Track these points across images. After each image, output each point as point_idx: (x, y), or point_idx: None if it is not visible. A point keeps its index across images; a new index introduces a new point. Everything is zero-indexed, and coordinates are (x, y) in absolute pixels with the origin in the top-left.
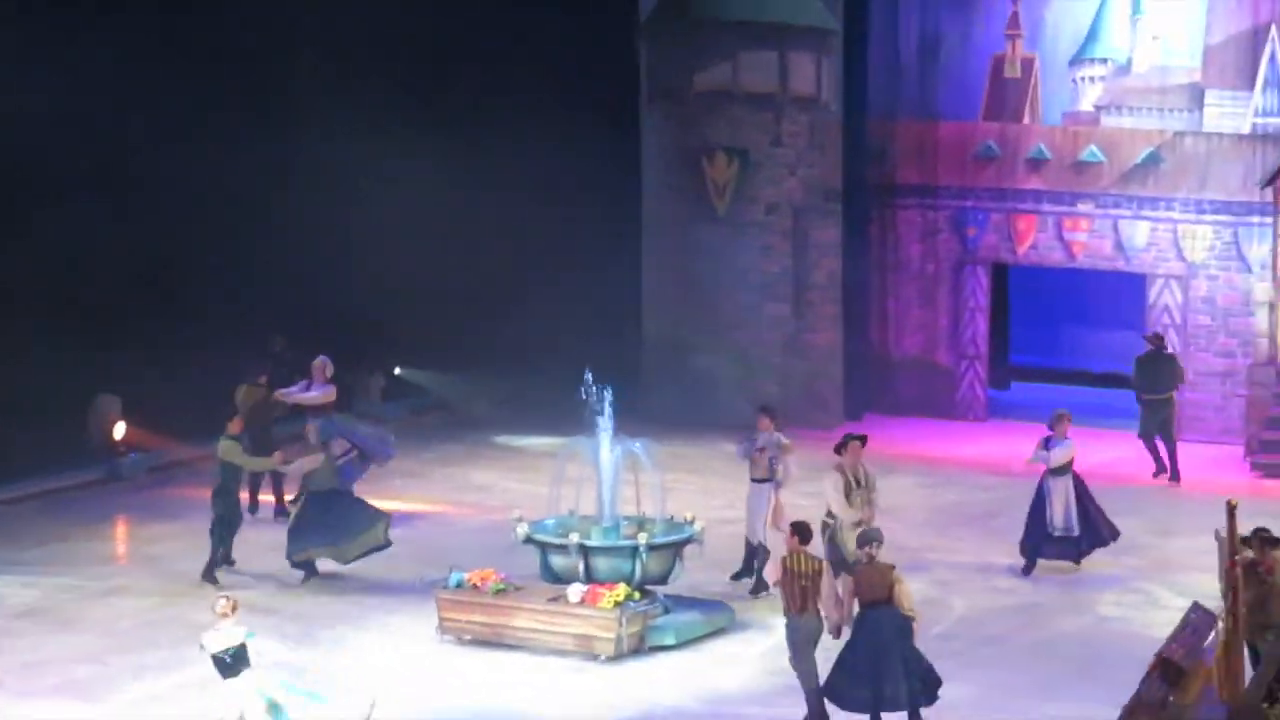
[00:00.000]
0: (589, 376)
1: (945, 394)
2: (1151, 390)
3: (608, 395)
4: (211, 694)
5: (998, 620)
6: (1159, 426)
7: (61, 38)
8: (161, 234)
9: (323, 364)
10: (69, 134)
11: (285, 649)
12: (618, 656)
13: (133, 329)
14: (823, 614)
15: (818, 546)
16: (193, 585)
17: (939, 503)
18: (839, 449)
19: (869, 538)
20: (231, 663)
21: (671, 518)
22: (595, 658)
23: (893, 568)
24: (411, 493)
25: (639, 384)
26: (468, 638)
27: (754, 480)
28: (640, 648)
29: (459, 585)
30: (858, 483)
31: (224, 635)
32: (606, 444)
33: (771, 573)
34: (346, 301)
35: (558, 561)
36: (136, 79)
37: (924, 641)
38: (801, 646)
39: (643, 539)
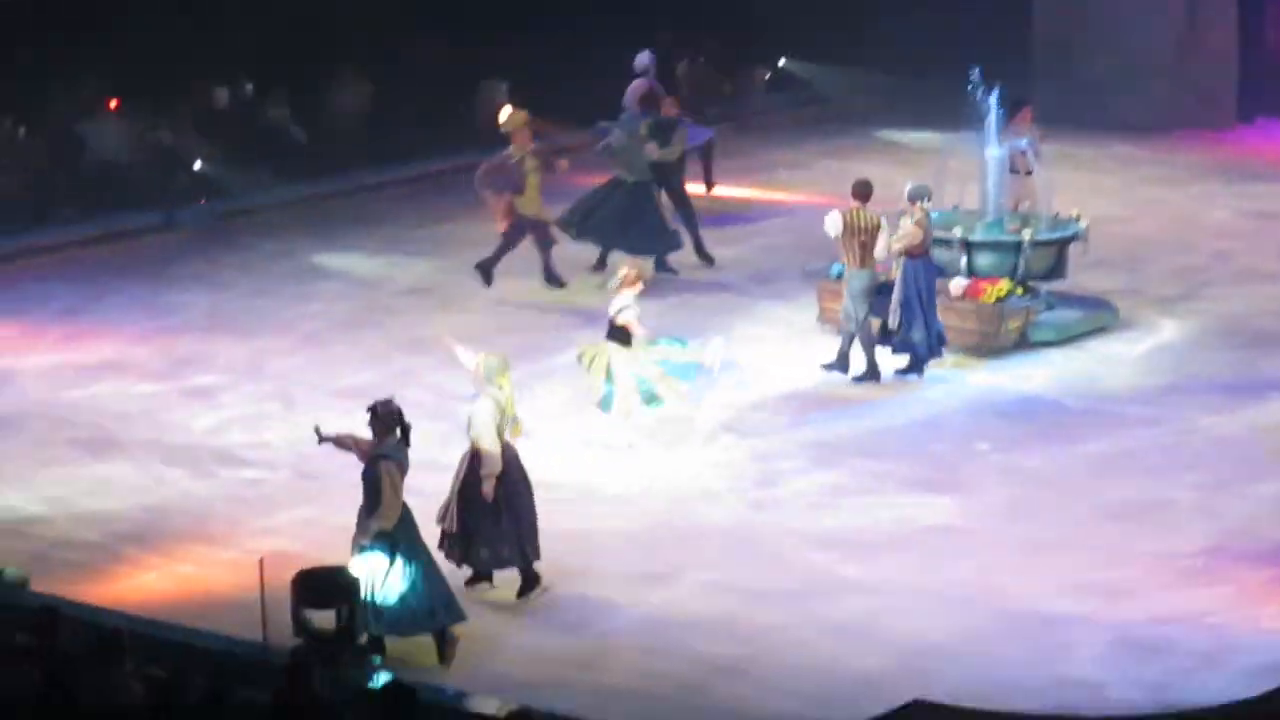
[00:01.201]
0: (976, 73)
1: None
2: None
3: (995, 92)
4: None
5: None
6: None
7: None
8: None
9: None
10: None
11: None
12: (998, 349)
13: (522, 15)
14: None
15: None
16: (576, 269)
17: None
18: None
19: (919, 193)
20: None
21: (1056, 215)
22: (977, 349)
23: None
24: (795, 184)
25: (1026, 82)
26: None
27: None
28: (1021, 343)
29: (840, 276)
30: None
31: (628, 305)
32: (993, 140)
33: (831, 225)
34: None
35: (940, 255)
36: None
37: None
38: (860, 297)
39: (1026, 235)
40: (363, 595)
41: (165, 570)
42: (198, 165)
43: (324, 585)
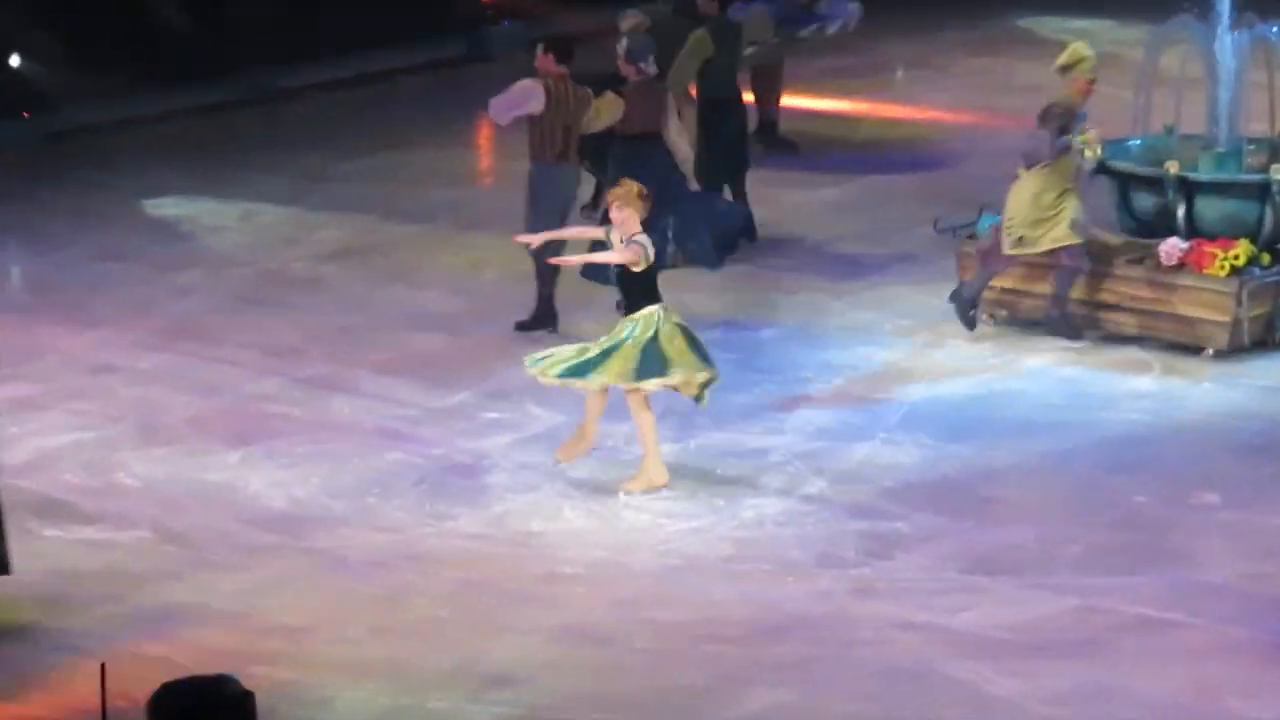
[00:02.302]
0: None
1: None
2: None
3: None
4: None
5: None
6: None
7: None
8: None
9: None
10: None
11: None
12: (1233, 348)
13: None
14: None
15: None
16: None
17: None
18: None
19: (639, 51)
20: (641, 286)
21: None
22: (1198, 350)
23: (667, 91)
24: (921, 93)
25: None
26: (1002, 314)
27: None
28: (1268, 337)
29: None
30: None
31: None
32: (1224, 30)
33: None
34: None
35: (1145, 202)
36: None
37: None
38: (545, 201)
39: (1277, 173)
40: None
41: None
42: (16, 61)
43: (198, 704)
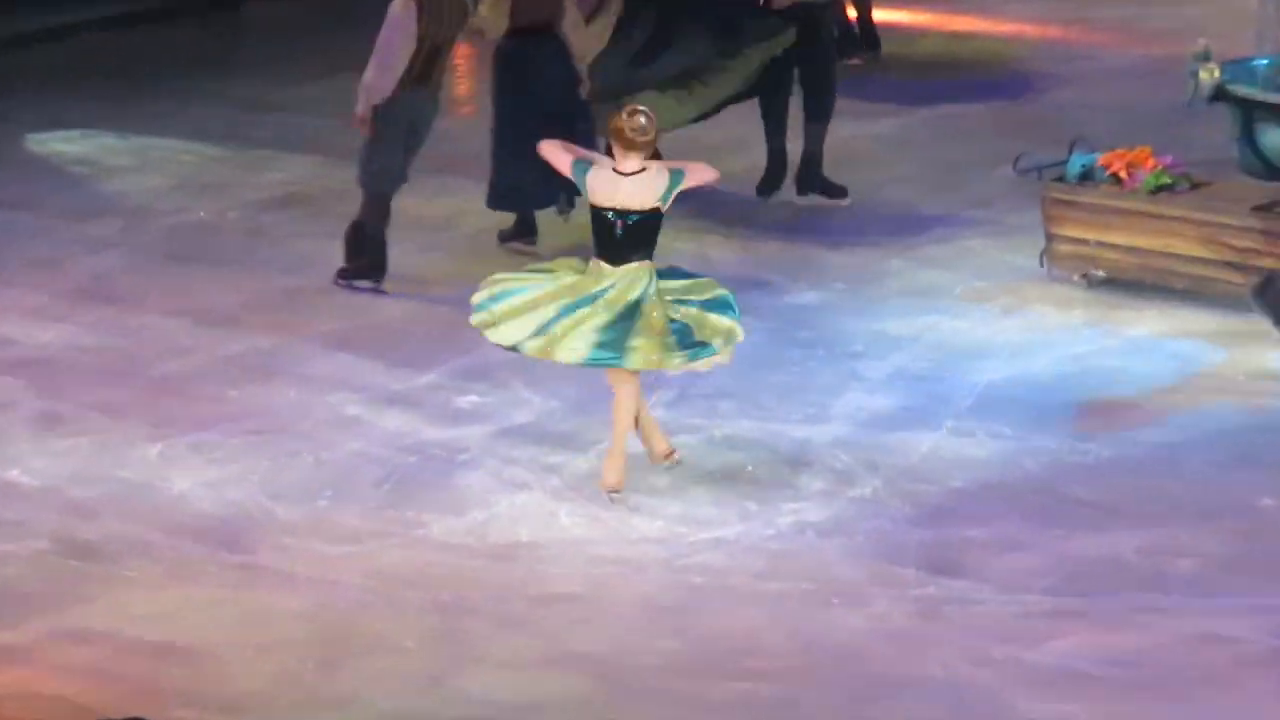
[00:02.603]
0: None
1: None
2: None
3: None
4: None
5: None
6: None
7: None
8: None
9: None
10: None
11: None
12: None
13: None
14: None
15: None
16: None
17: None
18: None
19: None
20: (623, 235)
21: None
22: None
23: None
24: (999, 2)
25: None
26: (1098, 274)
27: None
28: None
29: (1084, 176)
30: None
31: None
32: None
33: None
34: None
35: (1273, 137)
36: None
37: None
38: (387, 128)
39: None
40: None
41: None
42: None
43: None
